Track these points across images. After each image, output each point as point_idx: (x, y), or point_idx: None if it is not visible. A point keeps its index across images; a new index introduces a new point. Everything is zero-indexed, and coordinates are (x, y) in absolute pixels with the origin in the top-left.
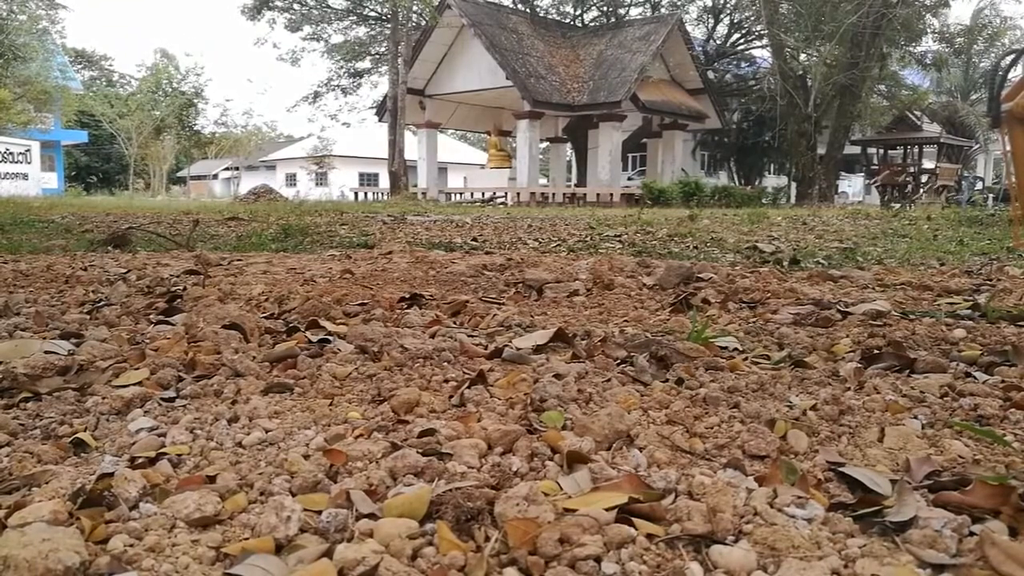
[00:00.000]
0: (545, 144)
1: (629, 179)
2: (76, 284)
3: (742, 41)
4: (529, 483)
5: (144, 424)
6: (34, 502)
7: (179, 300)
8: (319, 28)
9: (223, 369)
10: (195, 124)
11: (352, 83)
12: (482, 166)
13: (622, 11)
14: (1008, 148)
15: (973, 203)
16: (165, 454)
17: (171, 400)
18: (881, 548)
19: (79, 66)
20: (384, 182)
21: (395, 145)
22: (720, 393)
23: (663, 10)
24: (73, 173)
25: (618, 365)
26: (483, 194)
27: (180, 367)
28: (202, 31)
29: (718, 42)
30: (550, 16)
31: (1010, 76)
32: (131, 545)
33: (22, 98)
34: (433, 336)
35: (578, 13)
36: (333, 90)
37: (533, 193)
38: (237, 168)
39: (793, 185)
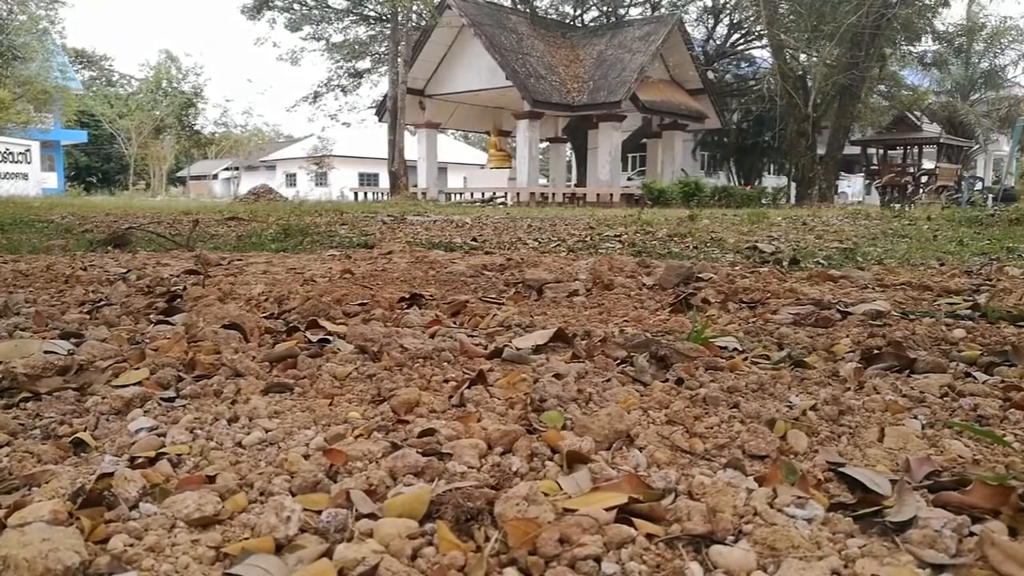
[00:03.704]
0: (545, 144)
1: (629, 179)
2: (76, 284)
3: (742, 41)
4: (529, 483)
5: (144, 424)
6: (34, 502)
7: (179, 300)
8: (319, 28)
9: (223, 369)
10: (195, 124)
11: (352, 83)
12: (482, 166)
13: (622, 11)
14: None
15: (973, 203)
16: (165, 454)
17: (171, 400)
18: (881, 548)
19: (79, 66)
20: (384, 182)
21: (395, 145)
22: (720, 393)
23: (663, 10)
24: (73, 173)
25: (618, 365)
26: (483, 194)
27: (180, 367)
28: (202, 31)
29: (718, 42)
30: (550, 16)
31: None
32: (131, 545)
33: (22, 98)
34: (433, 336)
35: (578, 13)
36: (333, 90)
37: (533, 193)
38: (237, 168)
39: (793, 185)
